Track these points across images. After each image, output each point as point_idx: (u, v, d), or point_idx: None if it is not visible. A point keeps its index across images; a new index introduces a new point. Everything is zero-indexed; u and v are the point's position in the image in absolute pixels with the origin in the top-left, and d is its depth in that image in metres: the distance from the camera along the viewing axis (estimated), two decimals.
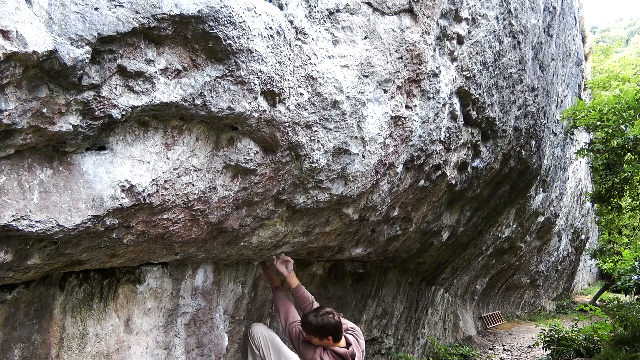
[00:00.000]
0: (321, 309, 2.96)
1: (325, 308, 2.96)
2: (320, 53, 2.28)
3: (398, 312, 6.37)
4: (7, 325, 1.91)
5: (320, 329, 2.85)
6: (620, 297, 14.74)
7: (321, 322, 2.85)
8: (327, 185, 2.73)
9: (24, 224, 1.50)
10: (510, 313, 14.87)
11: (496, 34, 4.01)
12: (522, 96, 5.23)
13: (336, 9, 2.34)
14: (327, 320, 2.86)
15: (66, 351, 2.14)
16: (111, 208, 1.73)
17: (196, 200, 2.09)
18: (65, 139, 1.55)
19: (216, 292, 3.03)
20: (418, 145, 3.40)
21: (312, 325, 2.87)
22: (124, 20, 1.47)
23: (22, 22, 1.27)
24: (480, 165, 4.85)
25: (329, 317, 2.87)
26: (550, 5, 6.01)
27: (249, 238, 2.70)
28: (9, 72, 1.28)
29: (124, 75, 1.58)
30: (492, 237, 8.55)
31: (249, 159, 2.19)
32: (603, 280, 25.43)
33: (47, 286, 2.05)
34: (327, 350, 2.91)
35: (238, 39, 1.79)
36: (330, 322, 2.86)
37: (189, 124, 1.93)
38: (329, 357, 2.89)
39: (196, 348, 2.86)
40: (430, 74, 3.11)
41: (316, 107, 2.33)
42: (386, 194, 3.45)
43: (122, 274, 2.40)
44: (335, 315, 2.91)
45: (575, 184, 14.18)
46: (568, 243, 15.99)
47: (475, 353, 8.87)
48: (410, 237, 4.77)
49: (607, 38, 56.61)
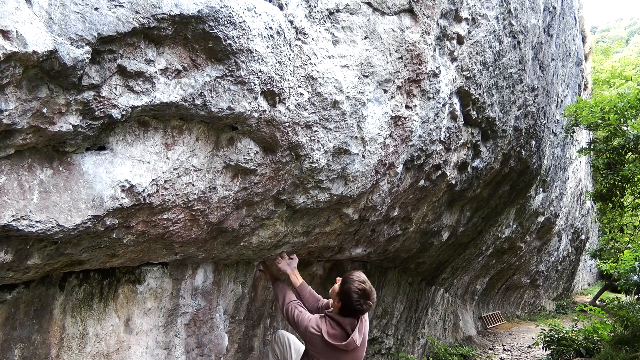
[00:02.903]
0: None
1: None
2: (320, 53, 2.28)
3: (398, 312, 6.37)
4: (7, 325, 1.91)
5: (357, 292, 2.66)
6: (621, 297, 14.74)
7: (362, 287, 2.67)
8: (327, 185, 2.73)
9: (24, 224, 1.50)
10: (510, 313, 14.87)
11: (496, 34, 4.01)
12: (522, 96, 5.23)
13: (336, 9, 2.34)
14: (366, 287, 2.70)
15: (66, 351, 2.14)
16: (111, 208, 1.73)
17: (196, 200, 2.09)
18: (65, 139, 1.55)
19: (216, 292, 3.03)
20: (418, 145, 3.40)
21: (352, 289, 2.68)
22: (124, 20, 1.47)
23: (22, 22, 1.27)
24: (480, 165, 4.85)
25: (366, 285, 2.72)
26: (550, 5, 6.01)
27: (249, 238, 2.70)
28: (9, 72, 1.28)
29: (124, 75, 1.58)
30: (492, 237, 8.55)
31: (249, 159, 2.19)
32: (603, 280, 25.43)
33: (47, 286, 2.05)
34: (326, 318, 2.74)
35: (238, 39, 1.79)
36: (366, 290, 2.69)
37: (189, 124, 1.93)
38: (327, 324, 2.71)
39: (196, 348, 2.86)
40: (430, 74, 3.11)
41: (316, 107, 2.33)
42: (386, 194, 3.45)
43: (122, 274, 2.40)
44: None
45: (575, 184, 14.17)
46: (568, 243, 15.99)
47: (475, 353, 8.87)
48: (410, 237, 4.77)
49: (607, 38, 56.59)
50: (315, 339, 2.69)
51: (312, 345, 2.73)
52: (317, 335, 2.68)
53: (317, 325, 2.70)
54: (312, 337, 2.70)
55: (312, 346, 2.73)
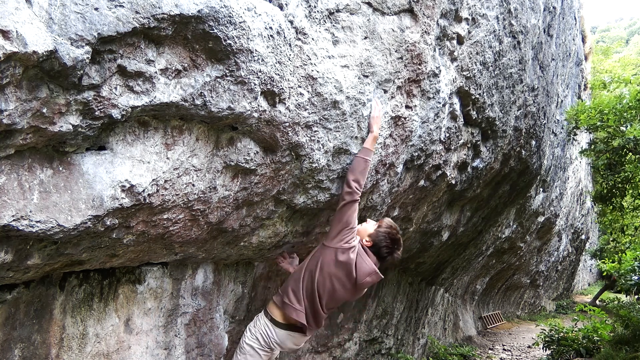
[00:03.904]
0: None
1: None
2: (320, 53, 2.28)
3: (398, 312, 6.37)
4: (7, 325, 1.91)
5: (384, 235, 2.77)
6: (621, 297, 14.74)
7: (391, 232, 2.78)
8: (327, 185, 2.73)
9: (24, 224, 1.50)
10: (510, 313, 14.87)
11: (496, 34, 4.01)
12: (522, 96, 5.23)
13: (336, 9, 2.34)
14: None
15: (66, 351, 2.14)
16: (111, 208, 1.73)
17: (196, 200, 2.09)
18: (65, 139, 1.55)
19: (216, 292, 3.03)
20: (418, 145, 3.40)
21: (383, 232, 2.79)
22: (124, 20, 1.47)
23: (22, 22, 1.27)
24: (480, 165, 4.85)
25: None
26: (550, 5, 6.01)
27: (249, 238, 2.70)
28: (9, 72, 1.28)
29: (124, 75, 1.58)
30: (492, 237, 8.55)
31: (249, 159, 2.19)
32: (603, 280, 25.42)
33: (47, 286, 2.05)
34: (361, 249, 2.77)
35: (238, 39, 1.79)
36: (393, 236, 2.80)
37: (189, 124, 1.93)
38: (360, 254, 2.74)
39: (196, 348, 2.86)
40: (430, 74, 3.11)
41: (316, 107, 2.33)
42: (386, 194, 3.45)
43: (122, 274, 2.40)
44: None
45: (575, 184, 14.17)
46: (568, 243, 15.99)
47: (475, 353, 8.87)
48: (410, 237, 4.77)
49: (607, 38, 56.60)
50: (343, 255, 2.68)
51: (326, 257, 2.70)
52: (349, 254, 2.68)
53: (352, 253, 2.71)
54: (341, 252, 2.68)
55: (325, 257, 2.71)
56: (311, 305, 2.76)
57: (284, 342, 2.83)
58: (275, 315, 2.81)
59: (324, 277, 2.72)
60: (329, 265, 2.71)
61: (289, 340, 2.84)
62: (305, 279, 2.75)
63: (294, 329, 2.82)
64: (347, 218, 2.68)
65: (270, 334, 2.79)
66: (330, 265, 2.71)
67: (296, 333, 2.84)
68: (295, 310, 2.72)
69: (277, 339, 2.80)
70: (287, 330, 2.81)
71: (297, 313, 2.72)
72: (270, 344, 2.80)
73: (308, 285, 2.74)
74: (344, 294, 2.80)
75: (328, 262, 2.71)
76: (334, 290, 2.75)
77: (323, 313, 2.82)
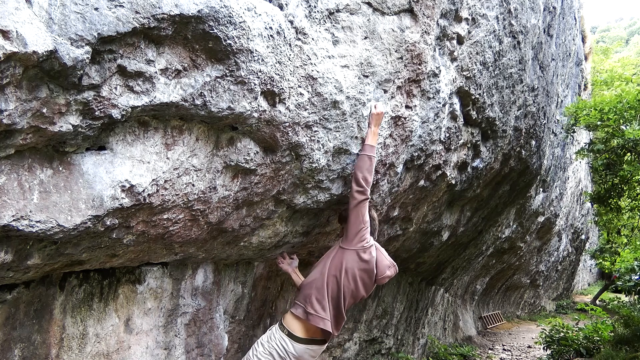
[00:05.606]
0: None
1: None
2: (320, 53, 2.28)
3: (398, 312, 6.37)
4: (7, 325, 1.91)
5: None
6: (621, 297, 14.74)
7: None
8: (327, 185, 2.73)
9: (24, 224, 1.50)
10: (510, 313, 14.87)
11: (496, 34, 4.01)
12: (522, 96, 5.23)
13: (336, 9, 2.34)
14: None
15: (66, 351, 2.14)
16: (111, 208, 1.73)
17: (196, 200, 2.09)
18: (65, 139, 1.55)
19: (216, 292, 3.03)
20: (418, 145, 3.40)
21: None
22: (124, 20, 1.47)
23: (22, 22, 1.27)
24: (480, 165, 4.85)
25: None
26: (550, 5, 6.01)
27: (249, 238, 2.70)
28: (9, 72, 1.28)
29: (124, 75, 1.58)
30: (492, 237, 8.55)
31: (249, 159, 2.19)
32: (603, 280, 25.42)
33: (47, 286, 2.05)
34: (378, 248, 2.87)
35: (238, 39, 1.79)
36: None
37: (189, 124, 1.93)
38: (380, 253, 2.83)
39: (196, 348, 2.86)
40: (430, 74, 3.11)
41: (316, 107, 2.33)
42: (386, 194, 3.45)
43: (122, 274, 2.40)
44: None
45: (575, 184, 14.17)
46: (568, 243, 15.99)
47: (475, 353, 8.87)
48: (410, 237, 4.77)
49: (607, 38, 56.55)
50: (365, 254, 2.75)
51: (348, 260, 2.73)
52: (370, 252, 2.77)
53: (373, 250, 2.78)
54: (363, 252, 2.74)
55: (348, 260, 2.73)
56: (336, 311, 2.74)
57: (301, 356, 2.74)
58: (294, 329, 2.72)
59: (349, 280, 2.72)
60: (352, 267, 2.71)
61: (306, 354, 2.76)
62: (330, 285, 2.72)
63: (314, 342, 2.76)
64: (363, 217, 2.69)
65: (287, 349, 2.70)
66: (355, 266, 2.72)
67: (315, 346, 2.77)
68: (322, 319, 2.68)
69: (295, 353, 2.71)
70: (307, 345, 2.73)
71: (324, 322, 2.68)
72: (287, 358, 2.71)
73: (334, 291, 2.72)
74: (363, 292, 2.81)
75: (352, 264, 2.71)
76: (357, 290, 2.76)
77: (345, 317, 2.81)
